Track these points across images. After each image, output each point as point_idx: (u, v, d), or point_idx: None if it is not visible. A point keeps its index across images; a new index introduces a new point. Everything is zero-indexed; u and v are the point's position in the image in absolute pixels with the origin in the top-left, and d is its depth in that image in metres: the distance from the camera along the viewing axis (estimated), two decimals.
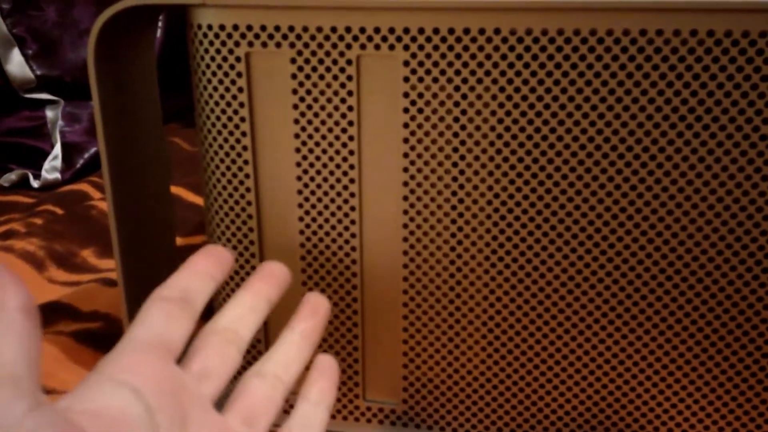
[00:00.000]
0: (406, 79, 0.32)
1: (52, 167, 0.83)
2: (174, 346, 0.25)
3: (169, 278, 0.28)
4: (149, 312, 0.26)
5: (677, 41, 0.30)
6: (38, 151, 0.85)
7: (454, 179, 0.33)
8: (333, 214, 0.35)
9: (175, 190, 0.69)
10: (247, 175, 0.35)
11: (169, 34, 0.96)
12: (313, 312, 0.32)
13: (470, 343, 0.36)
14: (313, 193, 0.35)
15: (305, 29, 0.32)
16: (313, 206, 0.35)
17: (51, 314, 0.47)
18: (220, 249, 0.30)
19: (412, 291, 0.36)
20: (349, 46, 0.32)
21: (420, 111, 0.33)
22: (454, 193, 0.34)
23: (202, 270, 0.29)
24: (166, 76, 0.95)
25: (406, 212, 0.34)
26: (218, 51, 0.33)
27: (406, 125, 0.33)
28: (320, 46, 0.32)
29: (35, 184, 0.82)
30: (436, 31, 0.31)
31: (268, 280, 0.31)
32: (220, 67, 0.34)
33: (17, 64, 0.86)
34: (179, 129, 0.93)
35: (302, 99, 0.33)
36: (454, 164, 0.33)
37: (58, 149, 0.84)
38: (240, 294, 0.30)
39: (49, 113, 0.88)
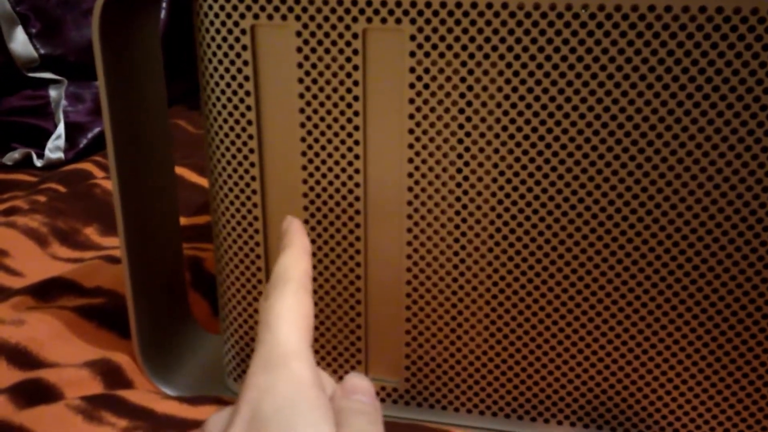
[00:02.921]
0: (413, 54, 0.32)
1: (55, 147, 0.83)
2: None
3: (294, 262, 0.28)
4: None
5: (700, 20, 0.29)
6: (42, 130, 0.85)
7: (460, 156, 0.33)
8: (337, 191, 0.35)
9: (179, 170, 0.69)
10: (251, 150, 0.35)
11: (173, 16, 0.95)
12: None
13: (473, 322, 0.36)
14: (317, 168, 0.35)
15: (311, 2, 0.32)
16: (318, 182, 0.35)
17: (54, 289, 0.47)
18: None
19: (416, 269, 0.36)
20: (355, 20, 0.32)
21: (426, 86, 0.32)
22: (459, 170, 0.33)
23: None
24: (170, 58, 0.94)
25: (410, 189, 0.34)
26: (223, 23, 0.33)
27: (411, 101, 0.33)
28: (326, 19, 0.32)
29: (38, 163, 0.82)
30: (443, 4, 0.31)
31: None
32: (225, 39, 0.33)
33: (21, 43, 0.85)
34: (184, 111, 0.92)
35: (307, 73, 0.33)
36: (460, 141, 0.33)
37: (61, 129, 0.84)
38: None
39: (53, 93, 0.87)
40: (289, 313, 0.26)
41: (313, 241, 0.36)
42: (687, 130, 0.31)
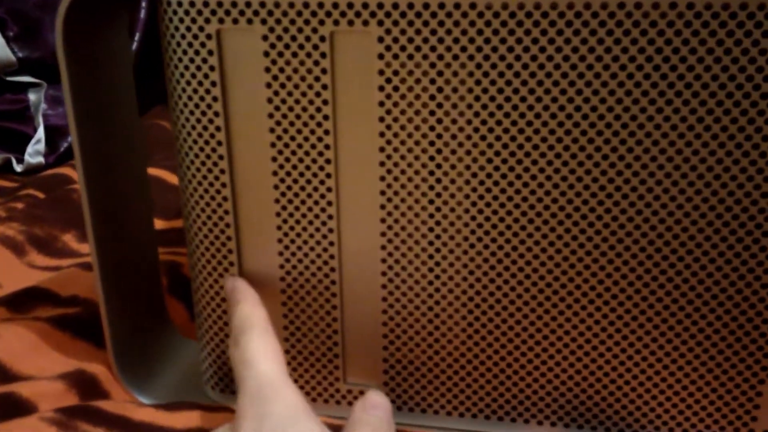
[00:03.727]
0: (381, 56, 0.31)
1: (35, 151, 0.82)
2: None
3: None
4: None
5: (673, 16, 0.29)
6: (21, 135, 0.84)
7: (431, 158, 0.33)
8: (309, 195, 0.34)
9: (158, 172, 0.68)
10: (221, 156, 0.34)
11: (154, 15, 0.94)
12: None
13: (450, 325, 0.36)
14: (288, 174, 0.34)
15: (277, 5, 0.31)
16: (289, 187, 0.34)
17: (29, 300, 0.46)
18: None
19: (391, 272, 0.35)
20: (322, 23, 0.31)
21: (396, 89, 0.32)
22: (431, 173, 0.33)
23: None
24: (152, 58, 0.94)
25: (383, 193, 0.34)
26: (188, 28, 0.32)
27: (381, 103, 0.32)
28: (292, 22, 0.31)
29: (18, 168, 0.81)
30: (410, 5, 0.30)
31: None
32: (190, 45, 0.33)
33: None
34: (166, 111, 0.91)
35: (275, 77, 0.33)
36: (431, 143, 0.32)
37: (41, 133, 0.83)
38: None
39: (32, 96, 0.87)
40: (262, 350, 0.30)
41: (286, 247, 0.36)
42: (676, 129, 0.31)
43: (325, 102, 0.33)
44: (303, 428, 0.26)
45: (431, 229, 0.34)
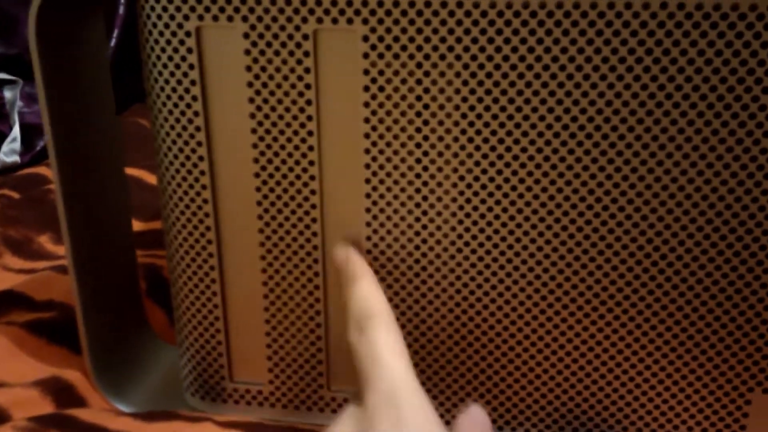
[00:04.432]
0: (366, 56, 0.31)
1: (10, 150, 0.80)
2: None
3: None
4: None
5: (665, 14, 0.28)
6: None
7: (418, 161, 0.32)
8: (293, 198, 0.34)
9: (137, 172, 0.67)
10: (200, 157, 0.33)
11: (133, 11, 0.93)
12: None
13: (439, 327, 0.35)
14: (271, 176, 0.33)
15: (258, 2, 0.30)
16: (272, 190, 0.34)
17: (4, 304, 0.45)
18: None
19: (377, 277, 0.34)
20: (305, 20, 0.30)
21: (381, 89, 0.31)
22: (417, 175, 0.32)
23: None
24: (131, 55, 0.92)
25: (368, 195, 0.33)
26: (167, 25, 0.31)
27: (366, 104, 0.31)
28: (274, 19, 0.31)
29: None
30: (396, 4, 0.30)
31: None
32: (169, 42, 0.32)
33: None
34: (144, 109, 0.90)
35: (257, 76, 0.32)
36: (418, 145, 0.32)
37: (16, 131, 0.81)
38: None
39: (7, 94, 0.85)
40: (392, 346, 0.28)
41: (266, 248, 0.35)
42: (676, 123, 0.30)
43: (308, 102, 0.32)
44: None
45: (417, 233, 0.33)
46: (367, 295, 0.30)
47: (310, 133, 0.32)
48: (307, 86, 0.31)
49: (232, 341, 0.37)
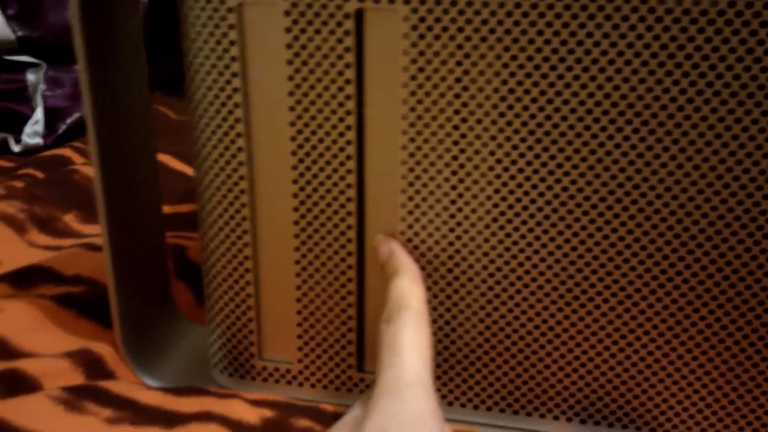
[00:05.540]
0: (406, 36, 0.31)
1: (33, 132, 0.81)
2: None
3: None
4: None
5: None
6: (19, 115, 0.83)
7: (455, 143, 0.32)
8: (329, 177, 0.34)
9: (161, 157, 0.67)
10: (238, 134, 0.34)
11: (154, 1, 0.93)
12: None
13: (468, 314, 0.35)
14: (308, 154, 0.34)
15: None
16: (308, 168, 0.34)
17: (32, 277, 0.45)
18: None
19: (410, 245, 0.34)
20: None
21: (421, 70, 0.31)
22: (455, 158, 0.32)
23: None
24: (150, 42, 0.92)
25: (404, 177, 0.33)
26: (209, 1, 0.32)
27: (405, 85, 0.32)
28: None
29: (16, 148, 0.80)
30: None
31: None
32: (210, 18, 0.32)
33: None
34: (163, 97, 0.90)
35: (297, 54, 0.32)
36: (456, 127, 0.32)
37: (39, 114, 0.82)
38: None
39: (31, 77, 0.85)
40: (415, 342, 0.29)
41: (302, 229, 0.35)
42: (680, 127, 0.30)
43: (347, 81, 0.32)
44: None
45: (452, 216, 0.33)
46: (405, 290, 0.31)
47: (348, 113, 0.32)
48: (347, 65, 0.32)
49: (262, 319, 0.37)
